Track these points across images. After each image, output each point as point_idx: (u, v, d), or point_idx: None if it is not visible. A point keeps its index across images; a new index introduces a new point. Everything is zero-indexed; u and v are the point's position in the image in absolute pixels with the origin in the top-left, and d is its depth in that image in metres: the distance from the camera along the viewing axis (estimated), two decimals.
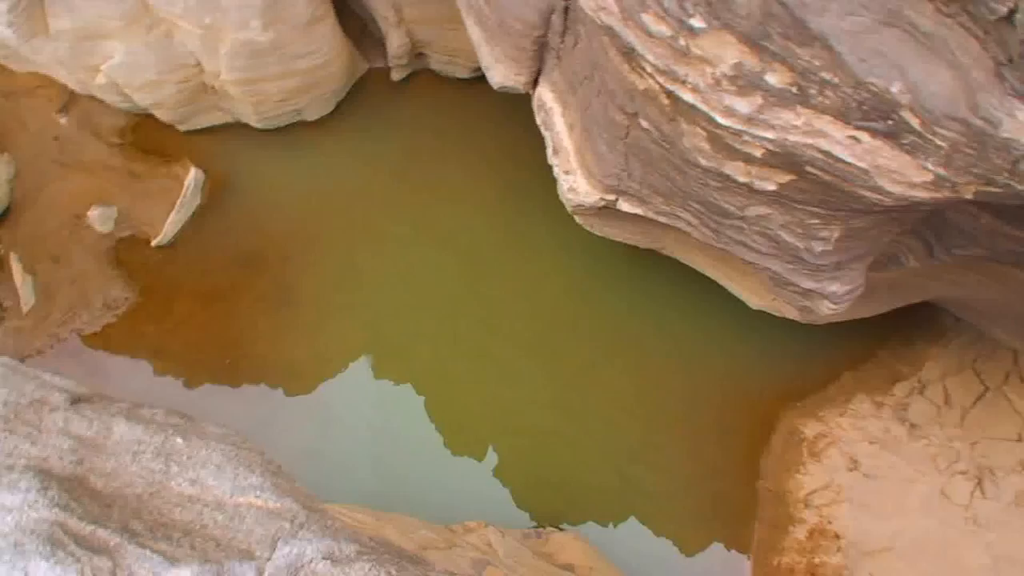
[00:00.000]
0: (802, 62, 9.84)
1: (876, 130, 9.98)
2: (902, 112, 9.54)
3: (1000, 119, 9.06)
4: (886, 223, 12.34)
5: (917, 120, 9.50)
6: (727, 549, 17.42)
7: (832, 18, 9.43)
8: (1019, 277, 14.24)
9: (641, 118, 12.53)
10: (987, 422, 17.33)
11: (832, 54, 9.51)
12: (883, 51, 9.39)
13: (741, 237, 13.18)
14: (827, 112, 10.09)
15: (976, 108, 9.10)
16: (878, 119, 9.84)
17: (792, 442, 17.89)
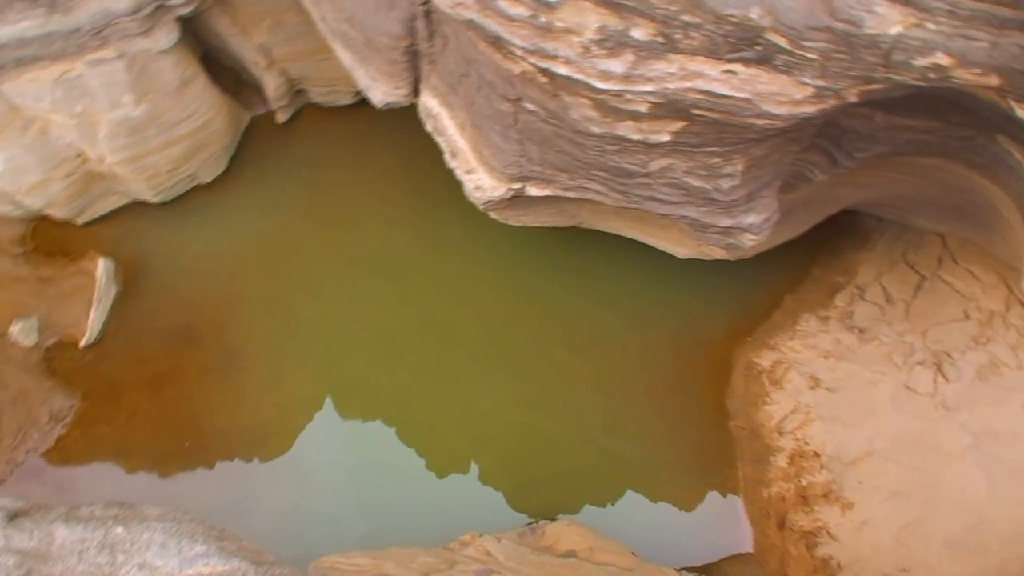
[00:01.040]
0: (660, 11, 9.97)
1: (748, 59, 10.14)
2: (767, 35, 9.71)
3: (861, 17, 9.25)
4: (784, 145, 12.53)
5: (784, 39, 9.66)
6: (717, 495, 17.56)
7: None
8: (925, 163, 14.55)
9: (525, 102, 12.59)
10: (931, 309, 17.63)
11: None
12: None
13: (651, 193, 13.29)
14: (698, 53, 10.23)
15: (835, 12, 9.28)
16: (747, 48, 10.00)
17: (752, 376, 18.07)
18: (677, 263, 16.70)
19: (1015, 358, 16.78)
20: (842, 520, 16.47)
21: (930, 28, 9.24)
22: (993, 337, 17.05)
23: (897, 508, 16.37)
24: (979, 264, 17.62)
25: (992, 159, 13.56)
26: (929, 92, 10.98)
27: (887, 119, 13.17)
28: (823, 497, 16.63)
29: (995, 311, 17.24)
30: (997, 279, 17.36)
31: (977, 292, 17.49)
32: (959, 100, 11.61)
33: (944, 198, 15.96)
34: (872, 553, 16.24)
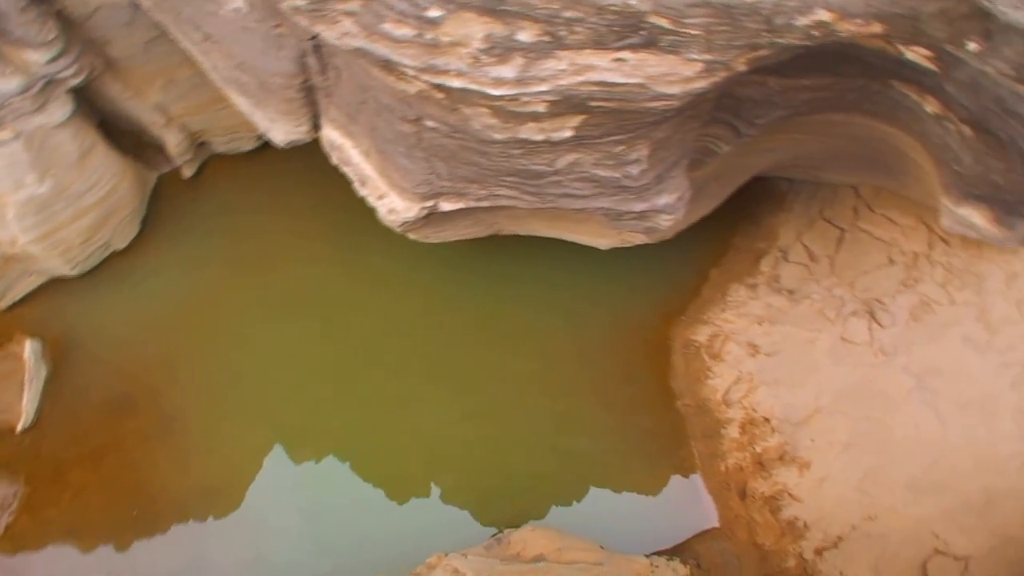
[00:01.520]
0: (542, 11, 10.03)
1: (635, 45, 10.24)
2: (649, 19, 9.81)
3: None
4: (685, 123, 12.68)
5: (666, 20, 9.77)
6: (676, 476, 17.69)
7: None
8: (825, 120, 14.78)
9: (426, 120, 12.60)
10: (856, 260, 17.91)
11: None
12: None
13: (563, 190, 13.37)
14: (585, 47, 10.31)
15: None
16: (632, 34, 10.10)
17: (691, 354, 18.24)
18: (601, 255, 16.82)
19: (946, 294, 17.07)
20: (801, 480, 16.66)
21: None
22: (921, 278, 17.34)
23: (853, 459, 16.59)
24: (895, 209, 17.92)
25: (890, 105, 13.80)
26: (817, 50, 11.16)
27: (781, 82, 13.37)
28: (779, 460, 16.80)
29: (919, 252, 17.54)
30: (916, 221, 17.66)
31: (898, 236, 17.78)
32: (848, 53, 11.81)
33: (851, 150, 16.22)
34: (836, 507, 16.44)
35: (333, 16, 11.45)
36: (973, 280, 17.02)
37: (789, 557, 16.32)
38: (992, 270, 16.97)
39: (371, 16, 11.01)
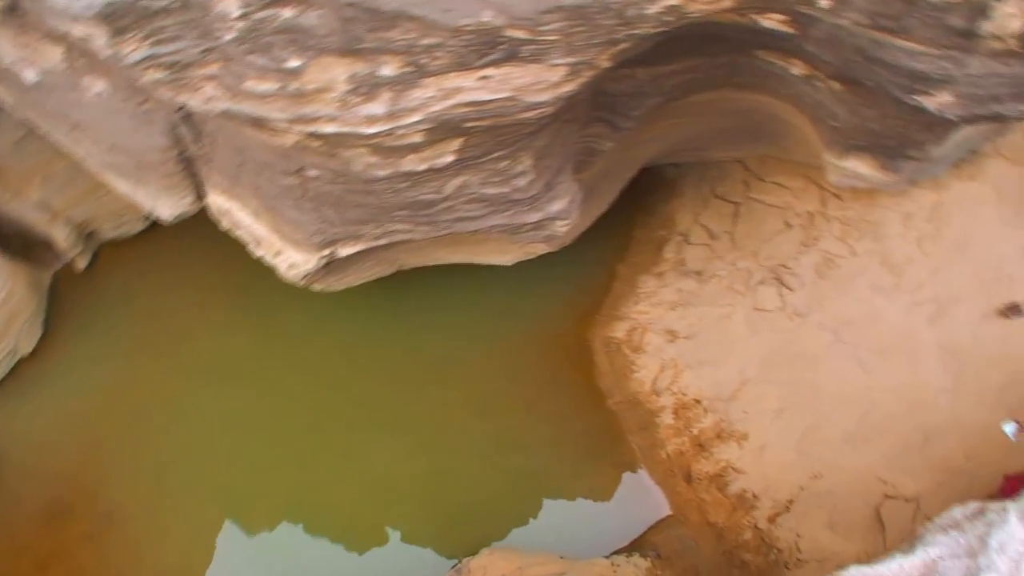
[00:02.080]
0: (400, 42, 10.06)
1: (498, 60, 10.32)
2: (506, 33, 9.89)
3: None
4: (563, 128, 12.80)
5: (522, 31, 9.86)
6: (620, 473, 17.77)
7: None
8: (699, 100, 15.05)
9: (307, 170, 12.54)
10: (754, 230, 18.20)
11: (418, 21, 9.76)
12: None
13: (455, 215, 13.40)
14: (449, 70, 10.36)
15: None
16: (493, 50, 10.17)
17: (612, 351, 18.35)
18: (510, 271, 16.85)
19: (846, 247, 17.42)
20: (742, 453, 16.85)
21: None
22: (819, 236, 17.68)
23: (788, 423, 16.83)
24: (783, 174, 18.26)
25: (759, 75, 14.09)
26: (676, 34, 11.37)
27: (649, 72, 13.58)
28: (717, 438, 16.97)
29: (813, 211, 17.88)
30: (805, 182, 18.00)
31: (791, 200, 18.11)
32: (707, 32, 12.05)
33: (730, 125, 16.51)
34: (781, 473, 16.65)
35: (194, 83, 11.35)
36: (870, 228, 17.39)
37: (744, 530, 16.47)
38: (887, 215, 17.36)
39: (232, 77, 10.94)
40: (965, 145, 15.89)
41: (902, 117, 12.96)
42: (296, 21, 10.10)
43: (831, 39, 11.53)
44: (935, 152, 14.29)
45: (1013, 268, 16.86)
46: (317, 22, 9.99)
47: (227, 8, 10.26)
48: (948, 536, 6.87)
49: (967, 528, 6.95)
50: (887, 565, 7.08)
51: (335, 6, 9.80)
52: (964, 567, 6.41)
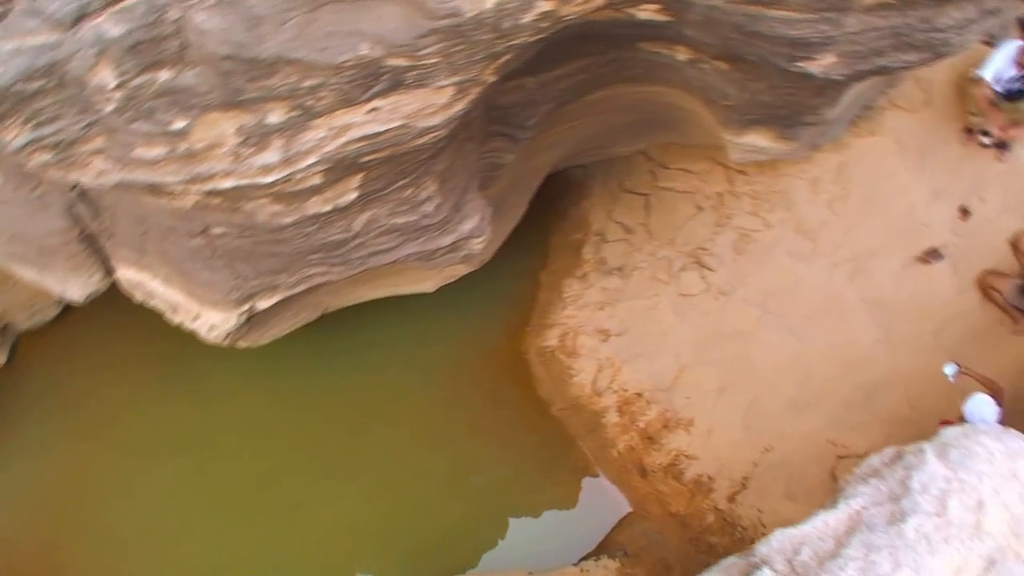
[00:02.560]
0: (283, 88, 9.97)
1: (383, 91, 10.27)
2: (387, 63, 9.86)
3: (457, 7, 9.47)
4: (462, 148, 12.79)
5: (402, 59, 9.84)
6: (577, 479, 17.81)
7: (273, 37, 9.56)
8: (592, 100, 15.12)
9: (212, 228, 12.39)
10: (668, 218, 18.36)
11: (297, 64, 9.68)
12: (331, 30, 9.61)
13: (368, 250, 13.31)
14: (337, 108, 10.30)
15: (433, 14, 9.48)
16: (376, 81, 10.12)
17: (548, 359, 18.39)
18: (433, 297, 16.74)
19: (759, 220, 17.64)
20: (691, 438, 16.97)
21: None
22: (731, 214, 17.88)
23: (731, 402, 17.00)
24: (687, 159, 18.43)
25: (646, 66, 14.20)
26: (557, 39, 11.42)
27: (537, 80, 13.63)
28: (664, 428, 17.08)
29: (722, 191, 18.08)
30: (710, 164, 18.19)
31: (698, 183, 18.29)
32: (587, 32, 12.11)
33: (627, 120, 16.62)
34: (731, 451, 16.80)
35: (83, 159, 11.17)
36: (780, 198, 17.64)
37: (706, 514, 16.59)
38: (794, 183, 17.62)
39: (120, 148, 10.78)
40: (859, 102, 16.14)
41: (790, 85, 13.13)
42: (174, 82, 9.97)
43: (708, 20, 11.63)
44: (830, 114, 14.50)
45: (925, 214, 17.17)
46: (196, 80, 9.88)
47: (103, 79, 10.10)
48: (869, 485, 6.91)
49: (887, 474, 7.00)
50: (812, 523, 7.11)
51: (212, 62, 9.70)
52: (888, 512, 6.45)
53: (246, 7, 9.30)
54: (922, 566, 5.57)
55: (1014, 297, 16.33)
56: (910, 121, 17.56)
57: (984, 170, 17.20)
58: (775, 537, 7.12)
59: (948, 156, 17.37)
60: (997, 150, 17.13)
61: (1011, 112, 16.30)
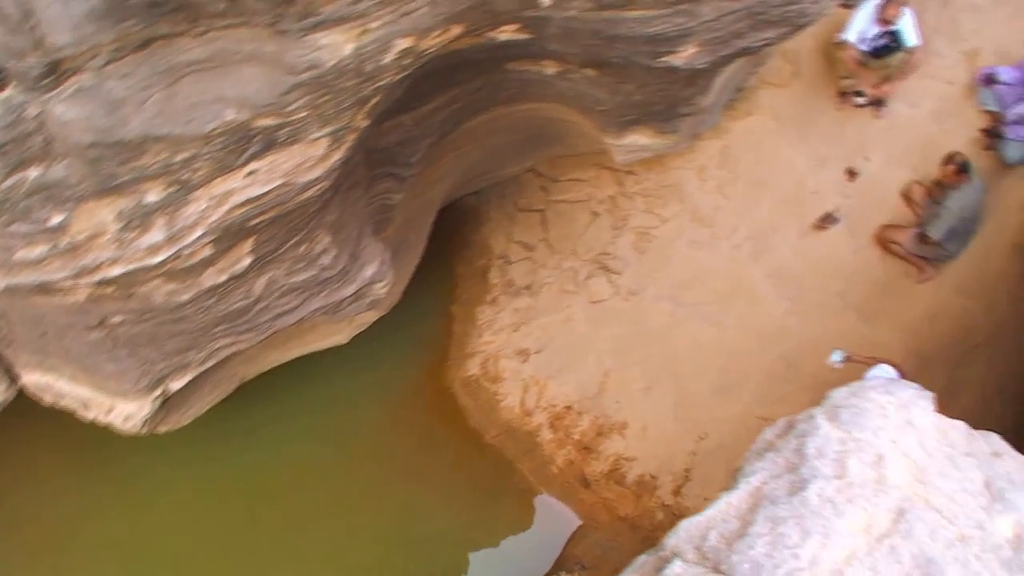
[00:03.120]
0: (156, 166, 9.85)
1: (258, 152, 10.20)
2: (256, 124, 9.80)
3: (316, 58, 9.46)
4: (349, 196, 12.74)
5: (270, 118, 9.80)
6: (524, 501, 17.78)
7: (136, 118, 9.42)
8: (471, 127, 15.21)
9: (110, 318, 12.15)
10: (566, 230, 18.51)
11: (166, 140, 9.57)
12: (194, 100, 9.52)
13: (272, 312, 13.18)
14: (213, 177, 10.19)
15: (293, 68, 9.46)
16: (249, 144, 10.05)
17: (473, 389, 18.36)
18: (349, 349, 16.60)
19: (655, 217, 17.88)
20: (627, 441, 17.09)
21: (374, 27, 9.59)
22: (627, 214, 18.10)
23: (659, 397, 17.16)
24: (576, 169, 18.63)
25: (518, 85, 14.34)
26: (425, 73, 11.51)
27: (413, 116, 13.66)
28: (599, 436, 17.16)
29: (613, 194, 18.29)
30: (597, 169, 18.40)
31: (590, 191, 18.49)
32: (454, 62, 12.20)
33: (511, 140, 16.74)
34: (668, 446, 16.94)
35: None
36: (671, 191, 17.91)
37: (655, 512, 16.67)
38: (682, 174, 17.91)
39: (1, 252, 10.55)
40: (731, 86, 16.46)
41: (659, 81, 13.35)
42: (45, 178, 9.78)
43: (567, 32, 11.79)
44: (704, 102, 14.77)
45: (813, 182, 17.56)
46: (66, 172, 9.70)
47: None
48: (765, 460, 6.97)
49: (781, 446, 7.08)
50: (715, 507, 7.16)
51: (78, 151, 9.53)
52: (788, 483, 6.50)
53: (104, 92, 9.15)
54: (831, 530, 5.64)
55: (914, 247, 16.74)
56: (784, 95, 17.96)
57: (864, 129, 17.64)
58: (682, 527, 7.16)
59: (826, 122, 17.79)
60: (873, 108, 17.57)
61: (880, 68, 16.77)
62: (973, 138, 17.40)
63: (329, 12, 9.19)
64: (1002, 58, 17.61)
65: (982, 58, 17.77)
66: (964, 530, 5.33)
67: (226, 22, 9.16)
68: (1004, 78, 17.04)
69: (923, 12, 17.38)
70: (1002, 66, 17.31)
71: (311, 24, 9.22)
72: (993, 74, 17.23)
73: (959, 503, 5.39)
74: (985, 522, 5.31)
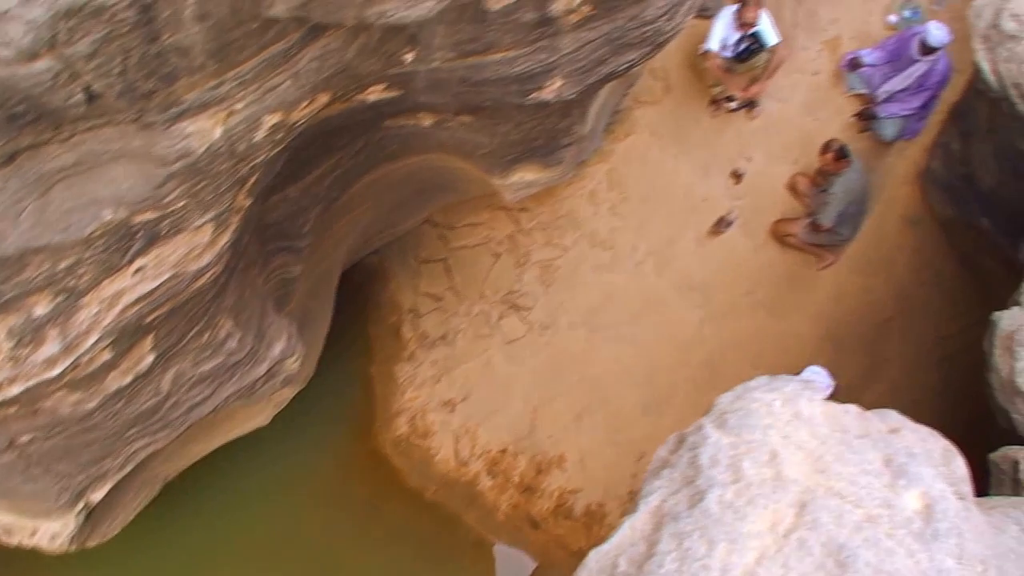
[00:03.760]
0: (40, 278, 9.62)
1: (142, 248, 10.04)
2: (136, 220, 9.66)
3: (185, 147, 9.38)
4: (244, 276, 12.60)
5: (149, 212, 9.67)
6: (477, 553, 17.64)
7: (12, 232, 9.18)
8: (358, 190, 15.20)
9: (18, 438, 11.78)
10: (471, 276, 18.56)
11: (45, 250, 9.37)
12: (69, 206, 9.34)
13: (186, 405, 12.94)
14: (100, 280, 9.97)
15: (164, 160, 9.36)
16: (132, 241, 9.90)
17: (405, 448, 18.24)
18: (272, 430, 16.32)
19: (556, 249, 18.04)
20: (567, 473, 17.11)
21: (240, 107, 9.57)
22: (528, 250, 18.23)
23: (590, 425, 17.26)
24: (471, 214, 18.71)
25: (399, 141, 14.38)
26: (303, 143, 11.48)
27: (298, 187, 13.60)
28: (539, 474, 17.14)
29: (511, 232, 18.41)
30: (491, 211, 18.51)
31: (487, 233, 18.57)
32: (330, 128, 12.23)
33: (402, 196, 16.75)
34: (608, 472, 16.99)
35: None
36: (566, 221, 18.09)
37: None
38: (575, 203, 18.12)
39: None
40: (607, 111, 16.67)
41: (534, 117, 13.52)
42: None
43: (435, 83, 11.87)
44: (583, 130, 14.96)
45: (702, 190, 17.88)
46: None
47: None
48: (662, 478, 6.97)
49: (675, 462, 7.07)
50: (620, 533, 7.16)
51: None
52: (688, 497, 6.49)
53: None
54: (736, 534, 5.65)
55: (809, 236, 17.13)
56: (659, 111, 18.29)
57: (741, 132, 18.06)
58: (591, 559, 7.14)
59: (704, 131, 18.16)
60: (746, 110, 18.00)
61: (747, 71, 17.19)
62: (848, 123, 17.91)
63: (192, 99, 9.13)
64: (863, 41, 18.14)
65: (844, 44, 18.31)
66: (871, 511, 5.38)
67: (89, 124, 9.01)
68: (868, 60, 17.51)
69: (780, 10, 17.86)
70: (864, 49, 17.81)
71: (176, 114, 9.15)
72: (857, 58, 17.70)
73: (861, 485, 5.44)
74: (891, 499, 5.36)
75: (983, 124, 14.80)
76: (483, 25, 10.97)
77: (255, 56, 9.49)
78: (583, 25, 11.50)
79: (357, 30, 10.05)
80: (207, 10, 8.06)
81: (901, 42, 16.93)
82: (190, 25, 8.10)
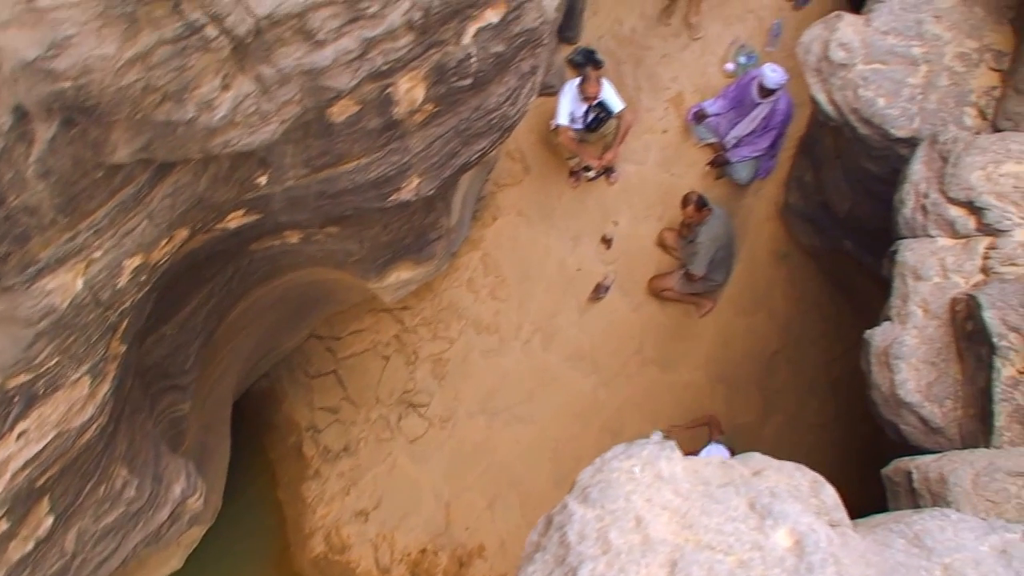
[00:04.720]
0: None
1: (21, 412, 9.75)
2: (9, 385, 9.43)
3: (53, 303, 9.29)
4: (132, 421, 12.38)
5: (22, 376, 9.42)
6: None
7: None
8: (236, 318, 15.15)
9: None
10: (364, 383, 18.61)
11: None
12: None
13: (95, 562, 12.40)
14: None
15: (30, 319, 9.24)
16: (11, 407, 9.62)
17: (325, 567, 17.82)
18: (186, 571, 15.95)
19: (443, 341, 18.22)
20: (489, 562, 17.19)
21: (98, 256, 9.54)
22: (416, 348, 18.37)
23: (504, 509, 17.34)
24: (353, 321, 18.78)
25: (267, 262, 14.37)
26: (169, 282, 11.45)
27: (173, 325, 13.50)
28: (462, 567, 17.14)
29: (396, 333, 18.53)
30: (374, 315, 18.62)
31: (373, 337, 18.65)
32: (196, 260, 12.21)
33: (280, 316, 16.73)
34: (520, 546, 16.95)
35: None
36: (449, 312, 18.32)
37: None
38: (454, 293, 18.44)
39: None
40: (471, 199, 17.00)
41: (399, 218, 13.71)
42: None
43: (293, 201, 11.95)
44: (449, 222, 15.18)
45: (575, 260, 18.31)
46: None
47: None
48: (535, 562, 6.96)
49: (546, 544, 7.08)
50: None
51: None
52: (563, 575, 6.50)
53: None
54: None
55: (684, 286, 17.62)
56: (521, 191, 18.70)
57: (603, 198, 18.57)
58: None
59: (567, 203, 18.61)
60: (605, 177, 18.49)
61: (599, 140, 17.70)
62: (703, 172, 18.56)
63: (48, 256, 9.07)
64: (704, 93, 18.88)
65: (687, 99, 19.02)
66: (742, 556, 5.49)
67: None
68: (712, 110, 18.19)
69: (621, 76, 18.52)
70: (707, 100, 18.52)
71: (34, 272, 9.08)
72: (701, 110, 18.38)
73: (729, 532, 5.56)
74: (760, 541, 5.48)
75: (830, 152, 15.43)
76: (330, 138, 11.12)
77: (106, 203, 9.49)
78: (429, 123, 11.74)
79: (205, 162, 10.12)
80: (49, 166, 8.06)
81: (740, 88, 17.63)
82: (34, 184, 8.08)
